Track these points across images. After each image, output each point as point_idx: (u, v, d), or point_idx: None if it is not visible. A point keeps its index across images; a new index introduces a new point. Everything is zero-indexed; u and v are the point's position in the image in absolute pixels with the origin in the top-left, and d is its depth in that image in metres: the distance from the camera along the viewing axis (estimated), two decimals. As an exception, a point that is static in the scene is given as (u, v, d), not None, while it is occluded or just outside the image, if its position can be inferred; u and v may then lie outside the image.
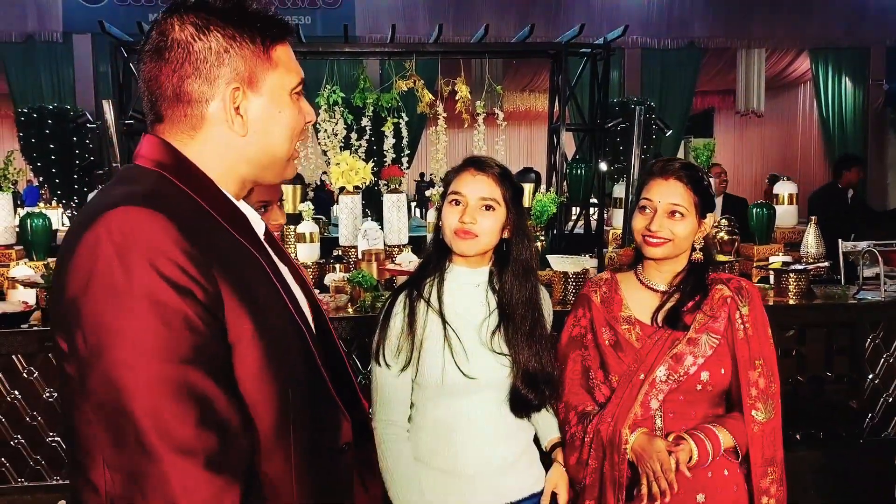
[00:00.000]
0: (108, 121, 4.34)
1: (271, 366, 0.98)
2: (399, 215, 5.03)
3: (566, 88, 5.19)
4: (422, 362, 1.70)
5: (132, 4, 11.72)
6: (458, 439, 1.71)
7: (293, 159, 1.14)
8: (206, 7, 1.02)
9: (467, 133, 5.91)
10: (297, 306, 1.08)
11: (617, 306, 1.85)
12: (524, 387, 1.71)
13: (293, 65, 1.09)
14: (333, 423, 1.11)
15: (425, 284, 1.75)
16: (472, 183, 1.70)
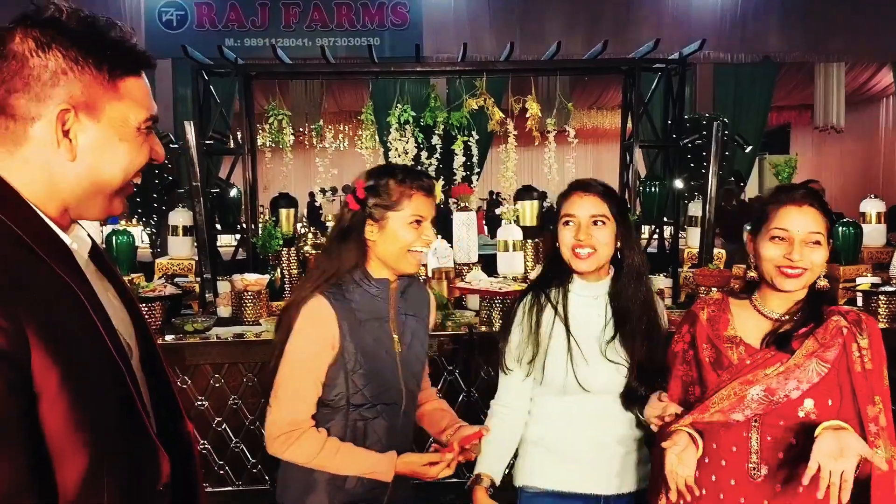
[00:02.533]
0: (189, 141, 4.48)
1: (82, 415, 0.90)
2: (469, 233, 5.03)
3: (640, 105, 5.09)
4: (547, 367, 1.90)
5: (210, 30, 12.18)
6: (574, 430, 1.92)
7: (125, 195, 1.09)
8: (54, 24, 0.97)
9: (535, 151, 5.87)
10: (116, 342, 0.99)
11: (723, 325, 1.81)
12: (637, 382, 1.86)
13: (144, 100, 1.05)
14: (152, 466, 1.04)
15: (550, 293, 1.94)
16: (581, 203, 1.89)
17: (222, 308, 4.39)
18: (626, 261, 1.92)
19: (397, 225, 1.75)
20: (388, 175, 1.78)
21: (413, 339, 1.90)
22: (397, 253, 1.77)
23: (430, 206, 1.80)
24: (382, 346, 1.82)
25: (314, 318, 1.75)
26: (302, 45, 12.23)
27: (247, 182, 5.36)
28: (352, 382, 1.77)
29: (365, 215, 1.77)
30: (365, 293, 1.79)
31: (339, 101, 12.85)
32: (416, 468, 1.75)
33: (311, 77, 5.91)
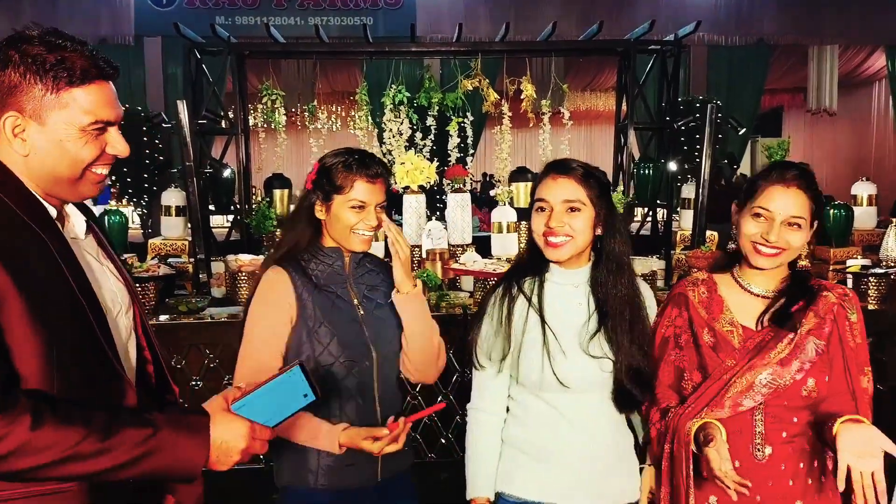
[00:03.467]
0: (181, 121, 4.44)
1: (36, 324, 1.15)
2: (463, 215, 5.04)
3: (634, 87, 5.08)
4: (521, 362, 1.74)
5: (200, 7, 12.03)
6: (560, 434, 1.75)
7: (90, 182, 1.30)
8: (18, 46, 1.20)
9: (530, 132, 5.85)
10: (86, 289, 1.25)
11: (717, 308, 1.77)
12: (629, 382, 1.71)
13: (91, 106, 1.24)
14: (115, 391, 1.28)
15: (524, 283, 1.78)
16: (555, 187, 1.72)
17: (216, 289, 4.39)
18: (606, 248, 1.75)
19: (340, 208, 1.83)
20: (338, 160, 1.85)
21: (377, 305, 1.93)
22: (342, 232, 1.85)
23: (373, 192, 1.84)
24: (342, 308, 1.88)
25: (270, 287, 1.85)
26: (294, 24, 12.09)
27: (240, 162, 5.34)
28: (316, 341, 1.82)
29: (315, 195, 1.86)
30: (320, 262, 1.90)
31: (332, 81, 12.74)
32: (358, 441, 1.73)
33: (305, 56, 5.87)
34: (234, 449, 1.24)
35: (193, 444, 1.20)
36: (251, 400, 1.28)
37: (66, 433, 1.10)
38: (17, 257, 1.16)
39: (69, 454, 1.09)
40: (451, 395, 3.92)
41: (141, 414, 1.20)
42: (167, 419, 1.19)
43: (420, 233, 4.92)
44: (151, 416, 1.19)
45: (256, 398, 1.29)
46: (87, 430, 1.11)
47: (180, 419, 1.22)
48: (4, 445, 1.06)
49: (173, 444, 1.18)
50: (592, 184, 1.72)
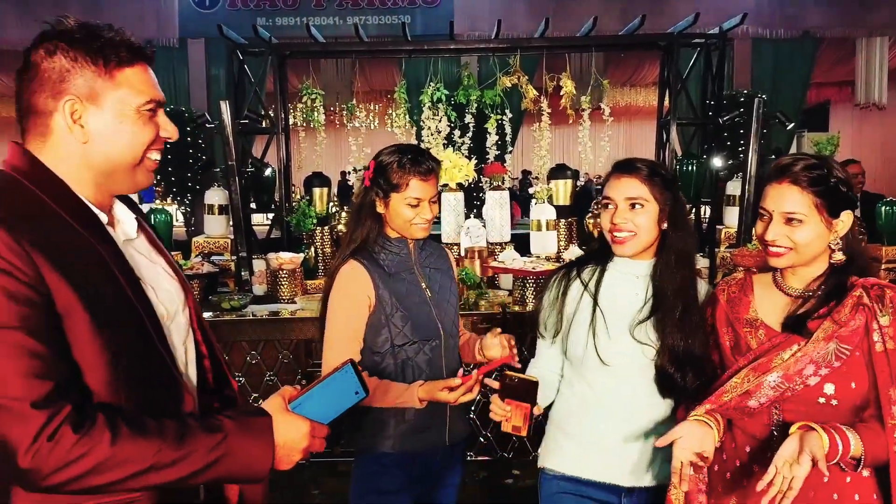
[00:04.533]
0: (224, 120, 4.50)
1: (102, 335, 1.14)
2: (502, 213, 5.00)
3: (677, 81, 4.99)
4: (569, 338, 1.89)
5: (242, 9, 12.20)
6: (597, 415, 1.86)
7: (146, 169, 1.29)
8: (60, 34, 1.19)
9: (568, 129, 5.79)
10: (139, 292, 1.23)
11: (743, 308, 1.74)
12: (670, 365, 1.78)
13: (143, 86, 1.24)
14: (173, 394, 1.28)
15: (586, 269, 1.94)
16: (618, 186, 1.83)
17: (258, 286, 4.44)
18: (670, 242, 1.84)
19: (397, 204, 2.02)
20: (393, 159, 2.02)
21: (440, 287, 2.15)
22: (402, 225, 2.04)
23: (426, 188, 2.02)
24: (414, 292, 2.07)
25: (348, 279, 2.02)
26: (332, 24, 12.19)
27: (280, 161, 5.39)
28: (393, 325, 2.02)
29: (374, 192, 2.03)
30: (389, 252, 2.08)
31: (370, 80, 12.82)
32: (435, 392, 1.90)
33: (345, 56, 5.89)
34: (296, 448, 1.25)
35: (260, 447, 1.21)
36: (307, 399, 1.30)
37: (143, 445, 1.10)
38: (76, 270, 1.14)
39: (148, 465, 1.10)
40: (490, 393, 3.90)
41: (208, 420, 1.19)
42: (234, 423, 1.20)
43: (458, 231, 4.91)
44: (218, 420, 1.19)
45: (312, 397, 1.31)
46: (163, 441, 1.12)
47: (246, 422, 1.22)
48: (87, 462, 1.06)
49: (241, 448, 1.18)
50: (657, 181, 1.81)
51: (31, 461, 1.03)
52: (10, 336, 1.05)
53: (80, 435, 1.06)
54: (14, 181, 1.18)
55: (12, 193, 1.16)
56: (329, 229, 4.98)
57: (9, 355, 1.04)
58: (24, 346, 1.05)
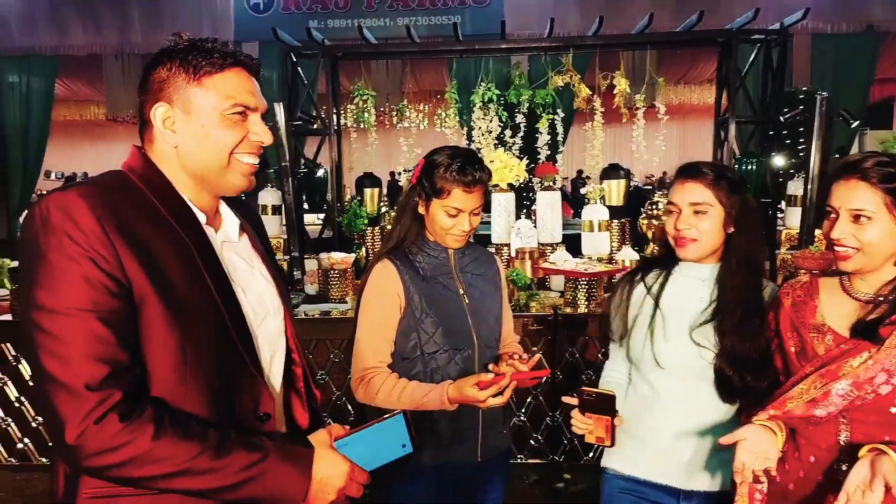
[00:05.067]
0: (278, 122, 4.57)
1: (175, 329, 1.17)
2: (553, 213, 4.95)
3: (736, 78, 4.86)
4: (630, 339, 1.90)
5: (295, 13, 12.38)
6: (655, 416, 1.86)
7: (240, 172, 1.32)
8: (166, 50, 1.29)
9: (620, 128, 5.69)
10: (227, 291, 1.27)
11: (809, 312, 1.68)
12: (729, 368, 1.75)
13: (231, 90, 1.28)
14: (250, 394, 1.30)
15: (651, 273, 1.94)
16: (682, 191, 1.82)
17: (309, 286, 4.48)
18: (735, 246, 1.81)
19: (436, 210, 1.95)
20: (441, 163, 1.93)
21: (481, 294, 2.06)
22: (438, 232, 1.98)
23: (468, 200, 1.92)
24: (449, 298, 1.99)
25: (379, 279, 1.98)
26: (383, 26, 12.27)
27: (332, 162, 5.44)
28: (422, 330, 1.95)
29: (417, 193, 1.98)
30: (427, 255, 2.01)
31: (420, 80, 12.86)
32: (465, 389, 1.81)
33: (396, 56, 5.92)
34: (332, 487, 1.25)
35: (296, 476, 1.21)
36: (353, 440, 1.29)
37: (183, 447, 1.13)
38: (157, 258, 1.19)
39: (183, 468, 1.13)
40: (540, 395, 3.87)
41: (251, 439, 1.21)
42: (275, 446, 1.20)
43: (509, 231, 4.88)
44: (261, 441, 1.20)
45: (358, 439, 1.29)
46: (203, 447, 1.14)
47: (287, 448, 1.23)
48: (126, 452, 1.10)
49: (277, 473, 1.19)
50: (723, 185, 1.79)
51: (75, 439, 1.08)
52: (80, 318, 1.10)
53: (126, 424, 1.09)
54: (123, 178, 1.26)
55: (114, 187, 1.23)
56: (380, 229, 5.00)
57: (75, 336, 1.09)
58: (91, 330, 1.10)
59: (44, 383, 1.10)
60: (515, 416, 3.90)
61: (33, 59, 15.05)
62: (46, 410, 1.11)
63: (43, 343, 1.10)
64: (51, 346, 1.09)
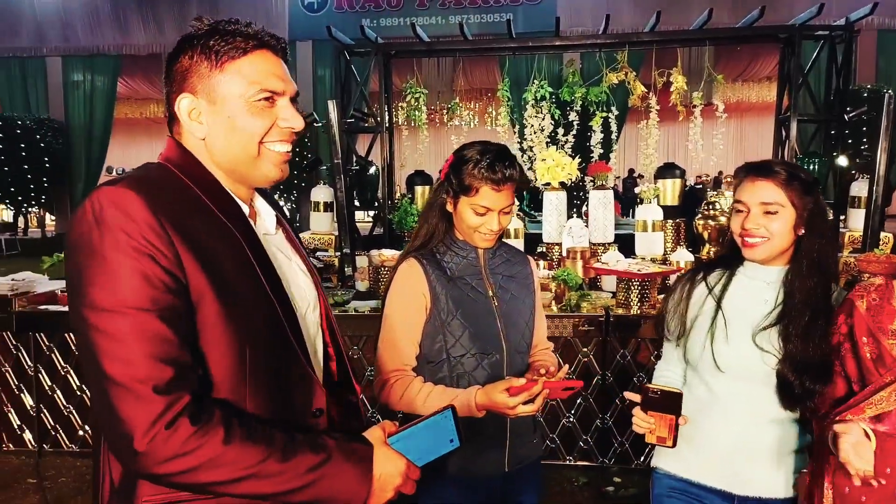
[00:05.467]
0: (331, 120, 4.61)
1: (232, 325, 1.13)
2: (605, 213, 4.88)
3: (798, 75, 4.71)
4: (688, 340, 1.85)
5: (348, 11, 12.51)
6: (712, 420, 1.80)
7: (270, 161, 1.25)
8: (187, 37, 1.22)
9: (674, 127, 5.55)
10: (276, 285, 1.23)
11: (887, 317, 1.61)
12: (792, 374, 1.69)
13: (256, 75, 1.21)
14: (304, 390, 1.26)
15: (713, 273, 1.88)
16: (752, 189, 1.75)
17: (360, 282, 4.52)
18: (804, 249, 1.74)
19: (464, 208, 1.86)
20: (470, 159, 1.84)
21: (512, 297, 1.96)
22: (466, 230, 1.90)
23: (498, 199, 1.84)
24: (477, 300, 1.90)
25: (405, 278, 1.89)
26: (435, 24, 12.31)
27: (384, 159, 5.47)
28: (448, 333, 1.86)
29: (445, 190, 1.89)
30: (455, 255, 1.93)
31: (471, 78, 12.86)
32: (494, 394, 1.71)
33: (449, 54, 5.91)
34: (389, 485, 1.21)
35: (358, 476, 1.17)
36: (406, 436, 1.27)
37: (252, 451, 1.09)
38: (213, 255, 1.14)
39: (251, 472, 1.08)
40: (591, 396, 3.82)
41: (315, 438, 1.17)
42: (338, 447, 1.17)
43: (560, 230, 4.83)
44: (323, 440, 1.17)
45: (410, 436, 1.28)
46: (270, 450, 1.10)
47: (350, 448, 1.19)
48: (198, 456, 1.05)
49: (341, 474, 1.15)
50: (795, 185, 1.72)
51: (146, 445, 1.02)
52: (142, 318, 1.04)
53: (197, 428, 1.05)
54: (165, 170, 1.21)
55: (162, 181, 1.18)
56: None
57: (137, 337, 1.04)
58: (154, 330, 1.05)
59: (105, 388, 1.04)
60: (564, 418, 3.86)
61: (97, 58, 15.60)
62: (109, 416, 1.04)
63: (103, 345, 1.04)
64: (112, 348, 1.04)
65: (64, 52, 15.37)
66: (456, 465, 1.87)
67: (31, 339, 4.11)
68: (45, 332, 4.09)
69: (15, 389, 4.15)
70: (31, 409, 4.16)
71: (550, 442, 3.88)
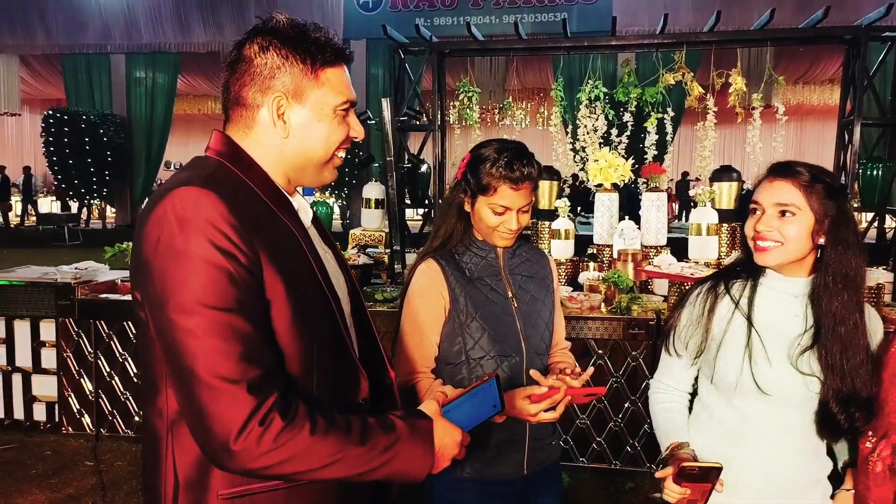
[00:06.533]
0: (385, 118, 4.65)
1: (300, 322, 1.16)
2: (658, 215, 4.81)
3: (863, 78, 4.55)
4: (718, 361, 1.66)
5: (402, 11, 12.59)
6: (745, 449, 1.66)
7: (333, 166, 1.31)
8: (273, 31, 1.22)
9: (731, 129, 5.42)
10: (327, 279, 1.25)
11: None
12: (837, 408, 1.57)
13: (342, 87, 1.26)
14: (354, 380, 1.30)
15: (735, 284, 1.71)
16: (769, 189, 1.61)
17: (410, 279, 4.54)
18: (827, 260, 1.58)
19: (482, 207, 1.83)
20: (488, 157, 1.81)
21: (531, 297, 1.93)
22: (484, 230, 1.87)
23: (517, 198, 1.80)
24: (496, 301, 1.87)
25: (423, 279, 1.86)
26: (489, 23, 12.30)
27: (436, 158, 5.49)
28: (467, 335, 1.84)
29: (463, 189, 1.86)
30: (474, 255, 1.90)
31: (523, 78, 12.81)
32: (516, 401, 1.69)
33: (503, 53, 5.90)
34: (448, 454, 1.27)
35: (423, 451, 1.22)
36: (456, 406, 1.33)
37: (334, 439, 1.12)
38: (281, 254, 1.16)
39: (336, 459, 1.12)
40: (639, 401, 3.77)
41: (384, 420, 1.21)
42: (406, 425, 1.21)
43: (612, 232, 4.78)
44: (391, 421, 1.21)
45: (460, 405, 1.34)
46: (349, 437, 1.14)
47: (414, 424, 1.23)
48: (289, 449, 1.08)
49: (410, 450, 1.20)
50: (818, 189, 1.57)
51: (242, 443, 1.05)
52: (227, 318, 1.06)
53: (287, 422, 1.07)
54: (223, 165, 1.22)
55: (228, 180, 1.19)
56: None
57: (223, 337, 1.05)
58: (240, 329, 1.06)
59: (195, 389, 1.05)
60: (611, 422, 3.82)
61: (158, 55, 16.09)
62: (199, 417, 1.06)
63: (194, 347, 1.05)
64: (204, 349, 1.05)
65: (127, 49, 15.90)
66: (475, 467, 1.86)
67: (92, 325, 4.26)
68: (106, 320, 4.24)
69: (75, 374, 4.31)
70: (91, 394, 4.32)
71: (597, 446, 3.84)
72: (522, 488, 1.92)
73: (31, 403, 4.40)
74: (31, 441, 4.31)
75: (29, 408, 4.40)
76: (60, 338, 4.30)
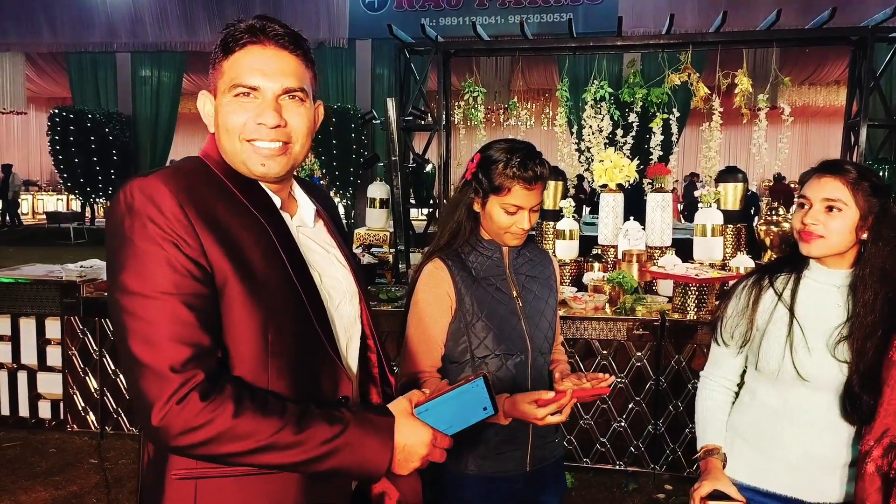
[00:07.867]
0: (390, 117, 4.65)
1: (253, 311, 1.19)
2: (663, 216, 4.79)
3: (870, 79, 4.54)
4: (761, 349, 1.78)
5: (408, 10, 12.59)
6: (783, 428, 1.77)
7: (257, 154, 1.26)
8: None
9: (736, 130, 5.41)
10: (303, 274, 1.27)
11: None
12: (858, 387, 1.65)
13: (239, 69, 1.25)
14: (329, 376, 1.30)
15: (779, 277, 1.82)
16: (817, 185, 1.72)
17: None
18: (867, 255, 1.69)
19: (494, 207, 1.84)
20: (500, 158, 1.82)
21: (535, 297, 1.95)
22: (495, 230, 1.88)
23: (529, 197, 1.83)
24: (501, 301, 1.89)
25: (430, 279, 1.87)
26: (494, 23, 12.29)
27: (441, 157, 5.49)
28: (473, 335, 1.85)
29: (473, 189, 1.87)
30: (480, 255, 1.91)
31: (528, 78, 12.80)
32: (522, 406, 1.72)
33: (508, 53, 5.90)
34: (415, 455, 1.24)
35: (378, 446, 1.20)
36: (434, 406, 1.27)
37: (264, 423, 1.13)
38: (237, 242, 1.20)
39: (266, 444, 1.13)
40: (643, 402, 3.77)
41: (331, 411, 1.20)
42: (355, 418, 1.20)
43: (617, 233, 4.77)
44: (340, 413, 1.20)
45: (439, 405, 1.27)
46: (284, 422, 1.14)
47: (368, 419, 1.22)
48: (208, 431, 1.10)
49: (359, 444, 1.19)
50: (864, 187, 1.68)
51: (160, 420, 1.09)
52: (165, 301, 1.12)
53: (206, 403, 1.10)
54: (199, 163, 1.29)
55: (191, 172, 1.25)
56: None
57: (161, 319, 1.11)
58: (174, 313, 1.12)
59: (131, 366, 1.12)
60: (615, 423, 3.82)
61: (164, 54, 16.12)
62: (134, 393, 1.13)
63: (130, 326, 1.12)
64: (138, 329, 1.11)
65: (133, 48, 15.93)
66: (477, 464, 1.88)
67: (97, 324, 4.27)
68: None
69: (80, 372, 4.32)
70: (95, 392, 4.33)
71: (601, 446, 3.84)
72: (525, 485, 1.93)
73: (36, 401, 4.41)
74: (36, 438, 4.32)
75: (34, 405, 4.42)
76: (66, 336, 4.31)
